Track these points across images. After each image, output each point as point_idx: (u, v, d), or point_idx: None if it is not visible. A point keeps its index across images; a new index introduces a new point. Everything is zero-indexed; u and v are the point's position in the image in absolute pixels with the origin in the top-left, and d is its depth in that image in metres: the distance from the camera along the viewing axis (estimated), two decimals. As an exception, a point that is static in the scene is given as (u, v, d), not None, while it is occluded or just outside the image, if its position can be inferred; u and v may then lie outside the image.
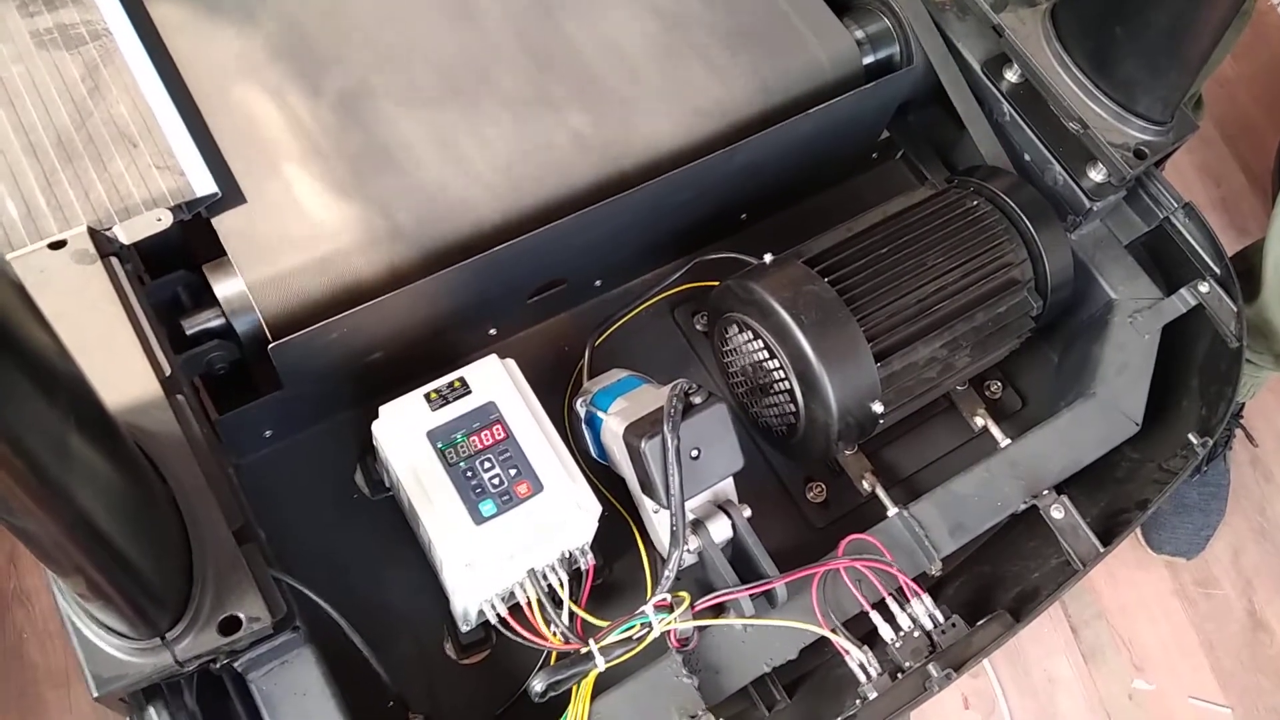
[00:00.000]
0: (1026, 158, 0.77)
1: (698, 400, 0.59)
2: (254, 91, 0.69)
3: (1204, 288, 0.76)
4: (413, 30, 0.73)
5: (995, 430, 0.76)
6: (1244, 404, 1.00)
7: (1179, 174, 1.24)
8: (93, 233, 0.61)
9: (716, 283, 0.72)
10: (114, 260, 0.60)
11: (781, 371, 0.66)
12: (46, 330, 0.40)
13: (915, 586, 0.64)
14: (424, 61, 0.72)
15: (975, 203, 0.71)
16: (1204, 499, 0.97)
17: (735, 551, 0.65)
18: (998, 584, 0.70)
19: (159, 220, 0.62)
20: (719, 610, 0.63)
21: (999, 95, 0.78)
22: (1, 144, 0.64)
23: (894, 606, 0.63)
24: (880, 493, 0.72)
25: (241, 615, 0.48)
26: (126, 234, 0.61)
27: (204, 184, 0.64)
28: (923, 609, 0.63)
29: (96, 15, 0.69)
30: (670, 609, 0.60)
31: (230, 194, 0.65)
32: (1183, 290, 0.76)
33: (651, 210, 0.72)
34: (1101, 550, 0.65)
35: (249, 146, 0.67)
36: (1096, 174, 0.75)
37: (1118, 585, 0.95)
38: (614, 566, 0.68)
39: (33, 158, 0.64)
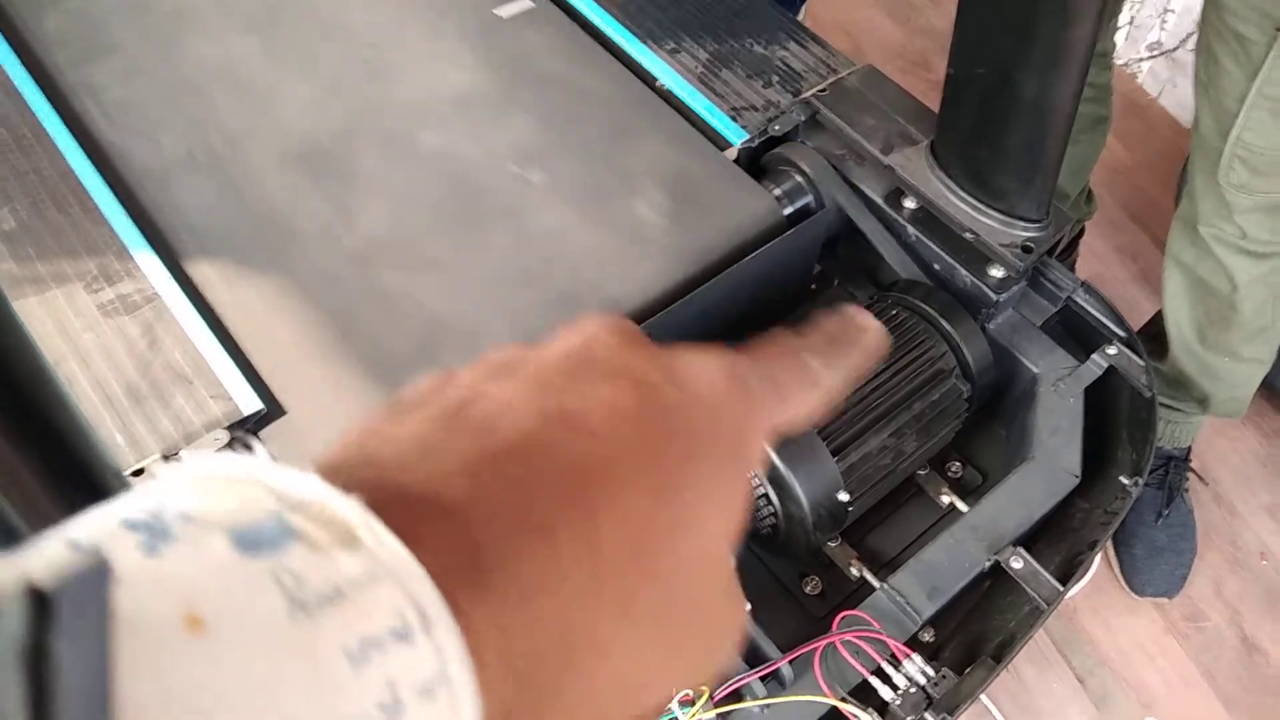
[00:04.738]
0: (936, 267, 0.91)
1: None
2: (283, 324, 0.83)
3: (1112, 350, 0.88)
4: (413, 256, 0.88)
5: (961, 505, 0.86)
6: (1189, 448, 1.10)
7: (1099, 258, 1.38)
8: (165, 459, 0.73)
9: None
10: (186, 477, 0.72)
11: (757, 479, 0.77)
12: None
13: (905, 649, 0.72)
14: (423, 284, 0.86)
15: (895, 311, 0.84)
16: (1173, 540, 1.05)
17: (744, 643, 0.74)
18: (983, 639, 0.79)
19: (216, 440, 0.75)
20: (736, 697, 0.71)
21: (902, 221, 0.92)
22: (81, 398, 0.77)
23: (889, 670, 0.72)
24: (868, 575, 0.81)
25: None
26: (192, 455, 0.74)
27: (250, 404, 0.77)
28: (915, 668, 0.72)
29: (147, 283, 0.84)
30: (693, 702, 0.69)
31: (273, 409, 0.78)
32: (1094, 355, 0.88)
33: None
34: (1061, 590, 0.74)
35: (284, 369, 0.80)
36: (996, 271, 0.88)
37: (1113, 633, 1.02)
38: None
39: (108, 406, 0.77)
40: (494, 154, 0.94)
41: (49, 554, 0.13)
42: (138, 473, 0.72)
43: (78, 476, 0.56)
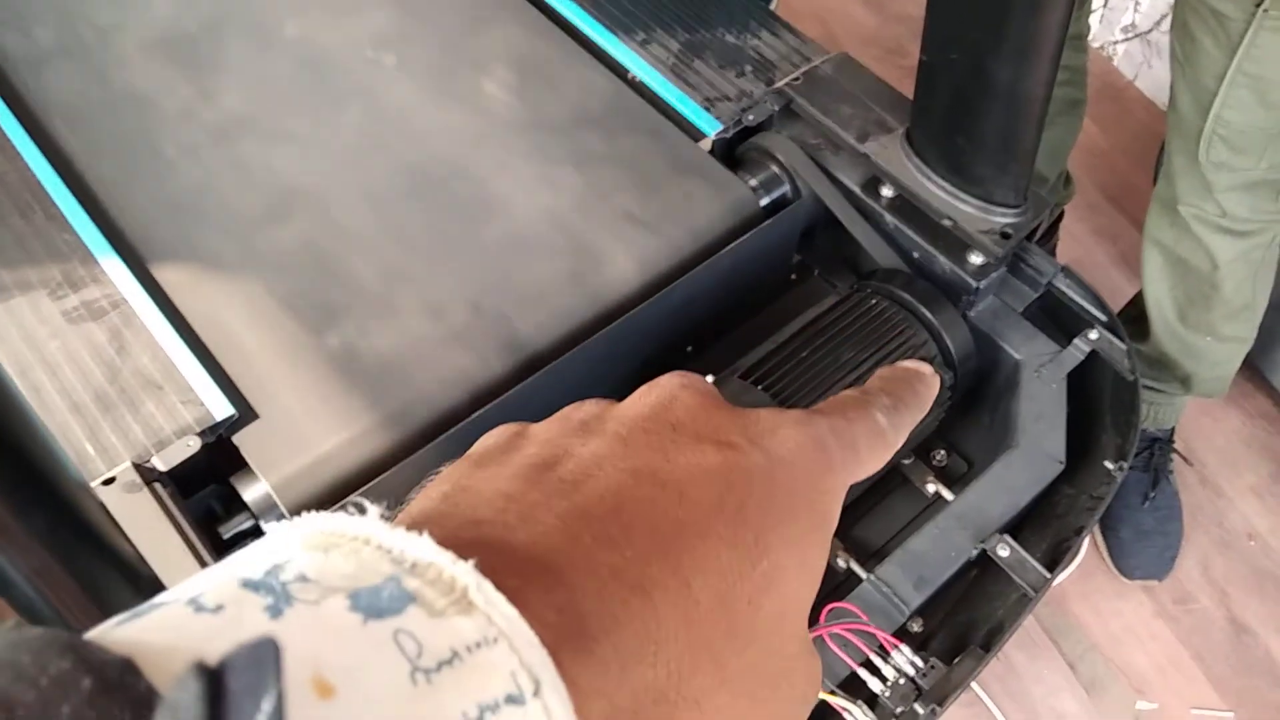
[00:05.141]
0: (915, 255, 0.90)
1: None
2: (253, 328, 0.81)
3: (1094, 335, 0.88)
4: (381, 258, 0.86)
5: (946, 493, 0.85)
6: (1173, 429, 1.10)
7: (1078, 240, 1.38)
8: (136, 466, 0.71)
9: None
10: (157, 485, 0.70)
11: (739, 474, 0.76)
12: (129, 543, 0.50)
13: (893, 640, 0.71)
14: (397, 276, 0.85)
15: (875, 301, 0.83)
16: (1160, 522, 1.05)
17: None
18: (972, 628, 0.78)
19: (189, 445, 0.73)
20: (724, 693, 0.70)
21: (880, 210, 0.91)
22: (50, 407, 0.75)
23: (878, 662, 0.71)
24: (854, 566, 0.80)
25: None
26: (163, 462, 0.72)
27: (221, 409, 0.75)
28: (904, 659, 0.71)
29: (114, 289, 0.82)
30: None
31: (245, 414, 0.76)
32: (1076, 340, 0.87)
33: (607, 354, 0.83)
34: (1049, 577, 0.74)
35: (255, 373, 0.79)
36: (975, 258, 0.87)
37: (1103, 617, 1.02)
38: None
39: (77, 414, 0.75)
40: (352, 40, 0.98)
41: (175, 619, 0.14)
42: (108, 481, 0.70)
43: (40, 489, 0.55)
